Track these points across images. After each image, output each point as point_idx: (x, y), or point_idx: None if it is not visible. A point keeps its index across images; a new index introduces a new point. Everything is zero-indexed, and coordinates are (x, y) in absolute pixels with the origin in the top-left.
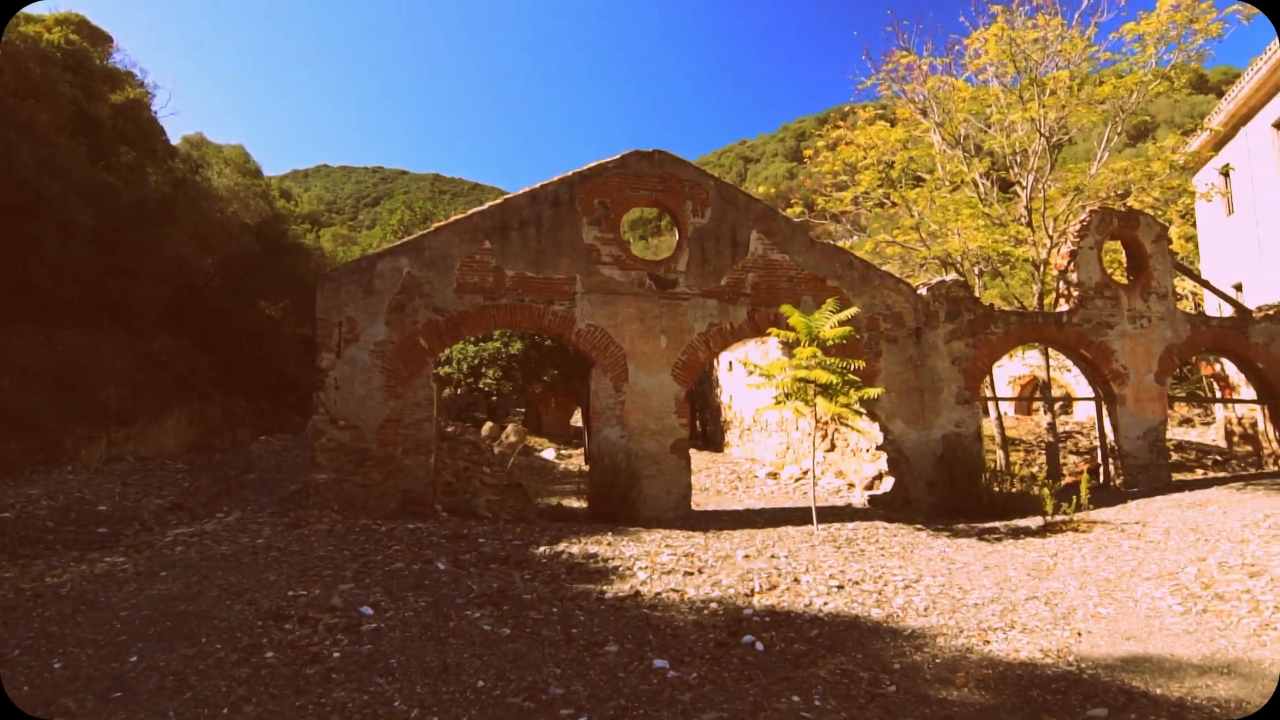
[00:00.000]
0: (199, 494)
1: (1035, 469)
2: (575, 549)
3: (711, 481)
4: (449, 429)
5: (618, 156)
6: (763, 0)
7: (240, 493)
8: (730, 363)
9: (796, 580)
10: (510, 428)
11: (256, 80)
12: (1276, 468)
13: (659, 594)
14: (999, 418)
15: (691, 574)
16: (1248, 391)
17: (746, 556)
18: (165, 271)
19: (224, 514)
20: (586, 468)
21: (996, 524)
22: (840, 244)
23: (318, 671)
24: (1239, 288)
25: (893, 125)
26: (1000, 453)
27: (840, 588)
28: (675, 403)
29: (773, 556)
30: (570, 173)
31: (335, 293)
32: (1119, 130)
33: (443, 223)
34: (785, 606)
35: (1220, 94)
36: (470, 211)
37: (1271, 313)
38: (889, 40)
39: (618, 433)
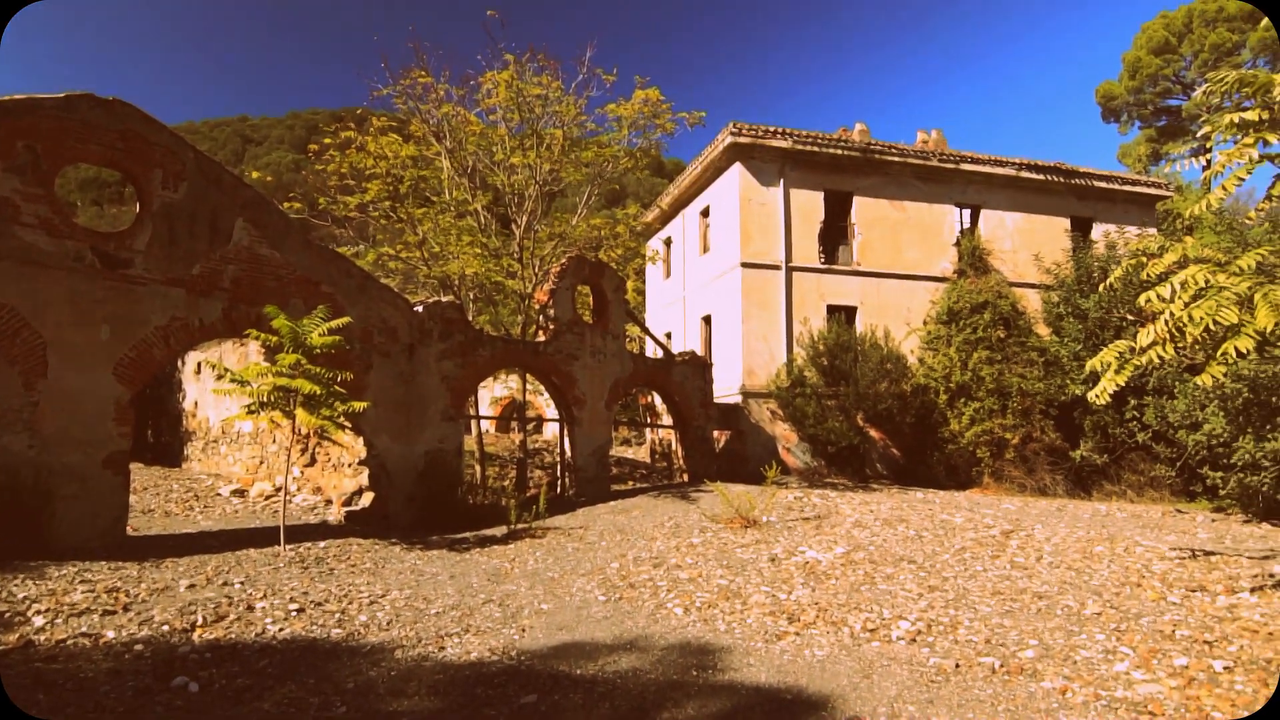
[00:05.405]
0: None
1: (507, 482)
2: None
3: (160, 501)
4: None
5: (62, 95)
6: None
7: None
8: (199, 364)
9: (250, 608)
10: None
11: None
12: (682, 479)
13: (63, 642)
14: (480, 435)
15: (114, 613)
16: (668, 419)
17: (192, 586)
18: None
19: None
20: None
21: (468, 534)
22: (342, 250)
23: None
24: (669, 336)
25: (407, 141)
26: (479, 467)
27: (301, 611)
28: (116, 408)
29: (225, 584)
30: None
31: None
32: (597, 192)
33: None
34: (233, 638)
35: (671, 180)
36: None
37: (687, 358)
38: (410, 56)
39: (25, 442)
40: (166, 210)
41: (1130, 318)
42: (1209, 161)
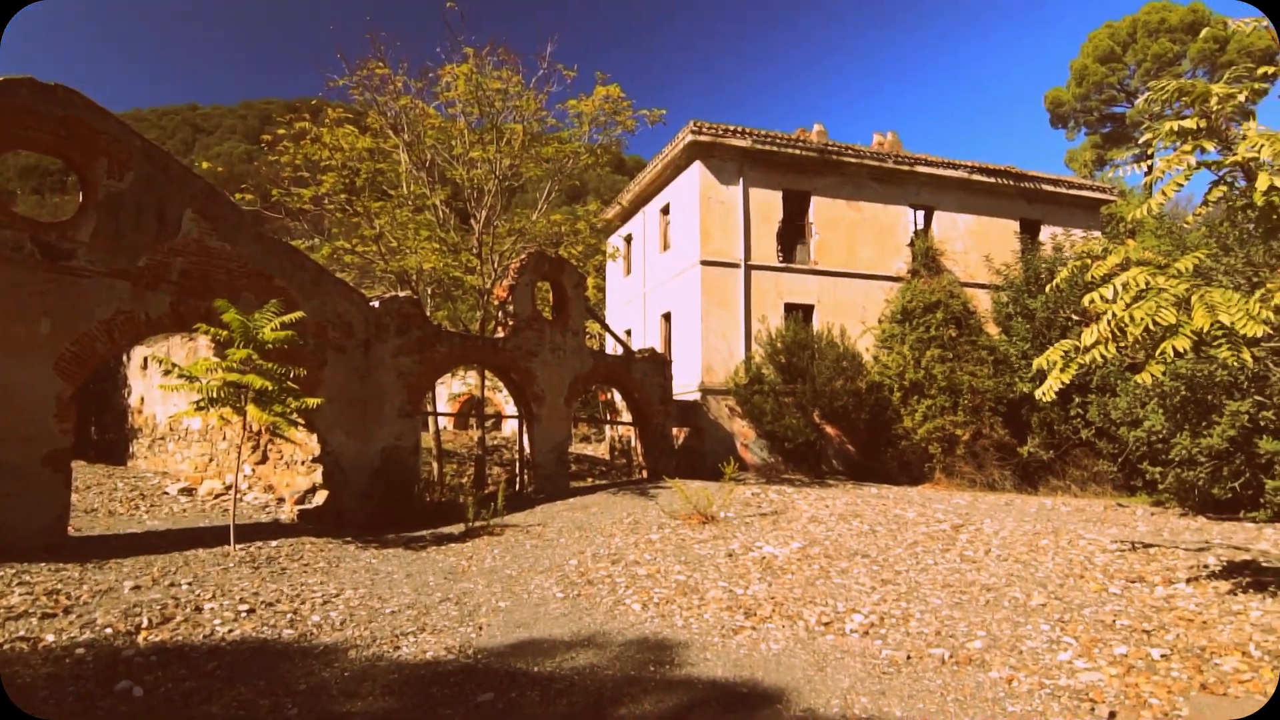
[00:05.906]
0: None
1: (465, 479)
2: None
3: (104, 500)
4: None
5: (0, 78)
6: None
7: None
8: (146, 359)
9: (198, 609)
10: None
11: None
12: (641, 476)
13: None
14: (437, 432)
15: (53, 615)
16: (628, 416)
17: (137, 587)
18: None
19: None
20: None
21: (425, 532)
22: (296, 244)
23: None
24: (629, 333)
25: (364, 133)
26: (436, 465)
27: (251, 611)
28: (57, 404)
29: (172, 585)
30: None
31: None
32: (558, 188)
33: None
34: (180, 641)
35: (631, 177)
36: None
37: (647, 355)
38: (367, 46)
39: None
40: (112, 200)
41: (1075, 318)
42: (1150, 167)
